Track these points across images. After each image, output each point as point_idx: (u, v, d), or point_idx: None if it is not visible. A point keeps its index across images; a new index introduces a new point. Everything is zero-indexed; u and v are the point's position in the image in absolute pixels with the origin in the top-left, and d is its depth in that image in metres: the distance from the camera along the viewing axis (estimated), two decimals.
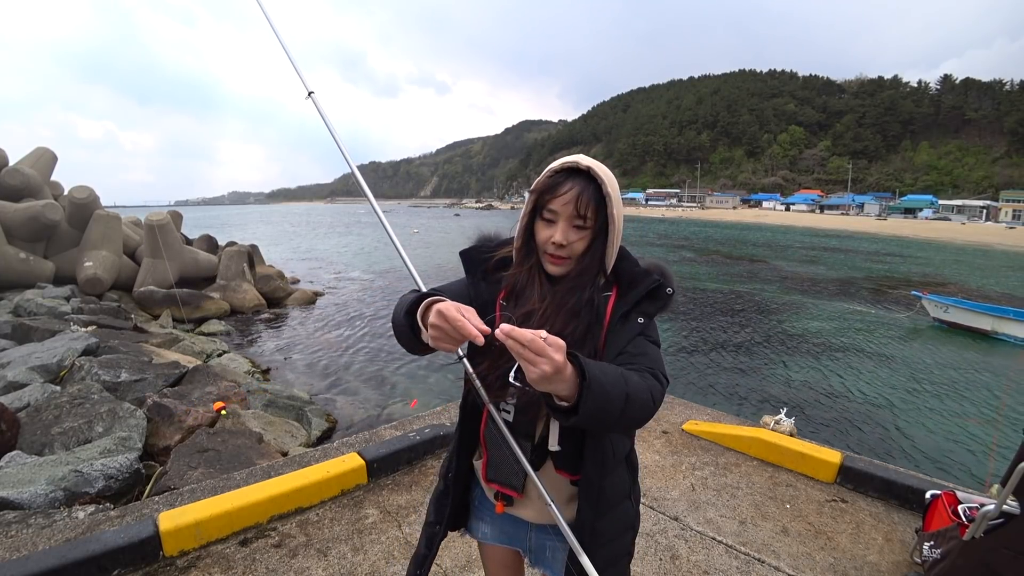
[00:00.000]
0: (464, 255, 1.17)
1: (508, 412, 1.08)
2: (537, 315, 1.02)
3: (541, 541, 1.20)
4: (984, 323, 11.51)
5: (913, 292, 13.39)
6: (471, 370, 1.03)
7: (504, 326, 0.78)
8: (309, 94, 1.14)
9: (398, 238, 1.21)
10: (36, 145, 12.73)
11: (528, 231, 1.08)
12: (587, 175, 1.00)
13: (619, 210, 1.03)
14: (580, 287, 1.04)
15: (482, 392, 1.01)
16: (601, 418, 0.84)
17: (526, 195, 1.09)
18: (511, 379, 0.98)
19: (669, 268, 1.12)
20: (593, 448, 1.07)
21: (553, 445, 1.06)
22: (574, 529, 1.06)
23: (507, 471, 1.13)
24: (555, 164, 1.04)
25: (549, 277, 1.08)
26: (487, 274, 1.14)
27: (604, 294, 1.07)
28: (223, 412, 4.72)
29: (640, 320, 1.04)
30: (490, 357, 1.03)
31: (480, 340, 0.81)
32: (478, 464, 1.20)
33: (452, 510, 1.24)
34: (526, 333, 0.76)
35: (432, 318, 0.85)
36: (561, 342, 0.79)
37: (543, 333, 0.78)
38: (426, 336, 0.91)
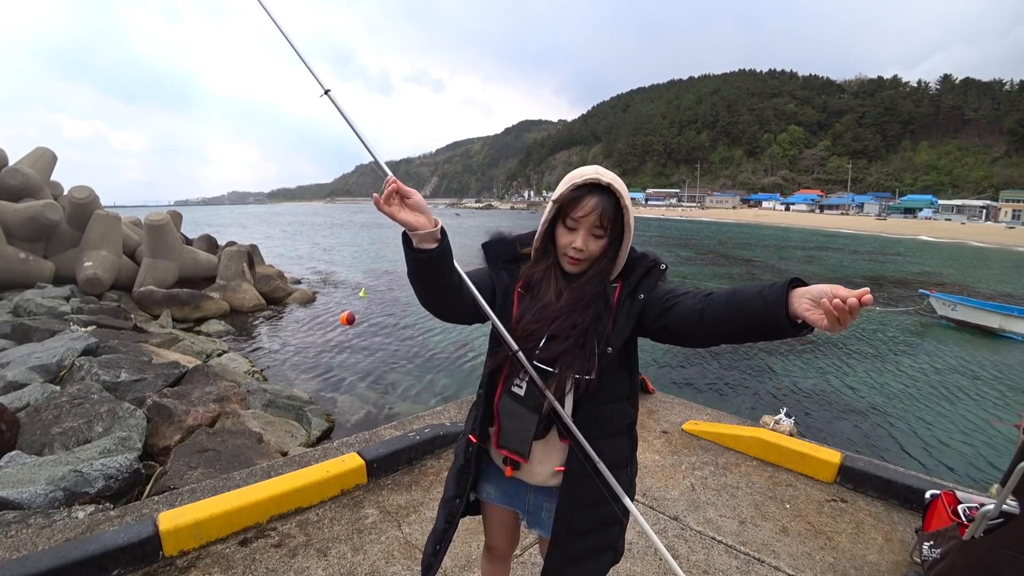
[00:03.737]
0: (486, 247, 1.32)
1: (520, 387, 1.23)
2: (554, 307, 1.17)
3: (539, 502, 1.34)
4: (992, 321, 11.54)
5: (920, 291, 13.39)
6: (527, 365, 1.16)
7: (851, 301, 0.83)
8: (325, 92, 1.15)
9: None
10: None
11: (547, 234, 1.23)
12: (607, 190, 1.14)
13: (632, 219, 1.17)
14: (595, 284, 1.19)
15: (524, 362, 1.15)
16: None
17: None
18: (535, 359, 1.17)
19: (659, 256, 1.27)
20: (587, 411, 1.21)
21: (567, 413, 1.18)
22: (563, 488, 1.24)
23: (516, 439, 1.25)
24: (577, 179, 1.15)
25: (565, 274, 1.22)
26: (507, 264, 1.29)
27: (612, 285, 1.23)
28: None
29: (641, 296, 1.18)
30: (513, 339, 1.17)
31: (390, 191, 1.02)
32: (490, 431, 1.33)
33: (473, 482, 1.37)
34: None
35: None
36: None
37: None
38: (416, 240, 1.04)
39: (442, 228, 1.06)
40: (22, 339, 6.66)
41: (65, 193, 11.96)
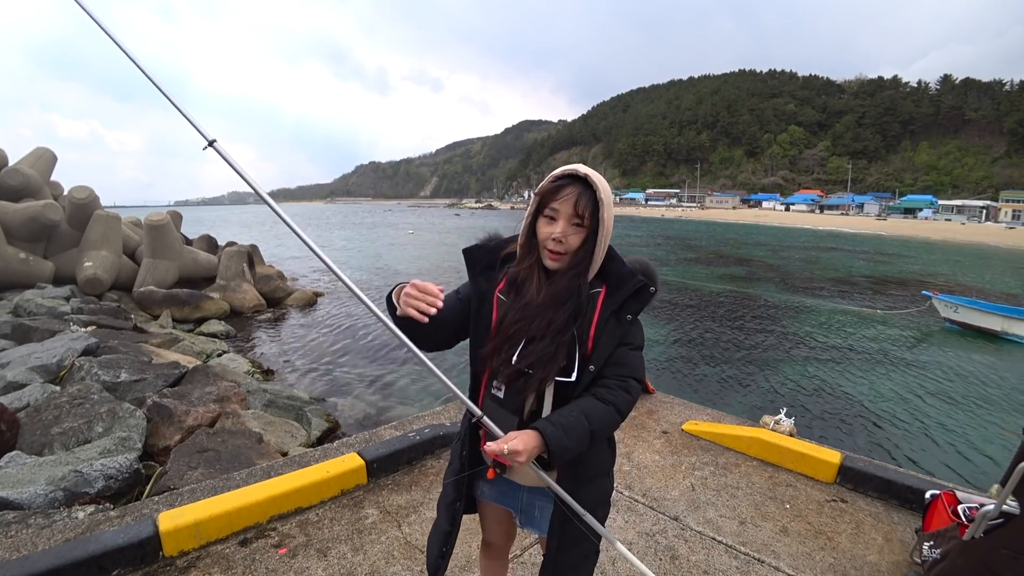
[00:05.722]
0: (466, 252, 1.33)
1: (499, 390, 1.23)
2: (534, 304, 1.18)
3: (532, 501, 1.37)
4: (994, 323, 11.48)
5: (924, 292, 13.31)
6: (491, 426, 1.19)
7: (487, 447, 1.08)
8: (210, 143, 1.15)
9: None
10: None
11: (530, 229, 1.24)
12: (584, 181, 1.16)
13: (610, 214, 1.18)
14: (571, 278, 1.19)
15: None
16: (574, 455, 1.11)
17: (527, 195, 1.14)
18: (513, 361, 1.19)
19: (653, 265, 1.27)
20: None
21: (547, 412, 1.19)
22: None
23: None
24: (557, 171, 1.19)
25: (547, 272, 1.22)
26: (485, 269, 1.30)
27: (594, 290, 1.22)
28: None
29: (628, 317, 1.20)
30: (495, 345, 1.21)
31: (438, 300, 1.12)
32: (480, 432, 1.34)
33: (469, 485, 1.39)
34: (495, 447, 1.06)
35: (408, 288, 1.13)
36: (520, 445, 1.05)
37: (507, 443, 1.05)
38: (400, 309, 1.14)
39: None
40: (22, 339, 6.66)
41: (65, 193, 11.97)
